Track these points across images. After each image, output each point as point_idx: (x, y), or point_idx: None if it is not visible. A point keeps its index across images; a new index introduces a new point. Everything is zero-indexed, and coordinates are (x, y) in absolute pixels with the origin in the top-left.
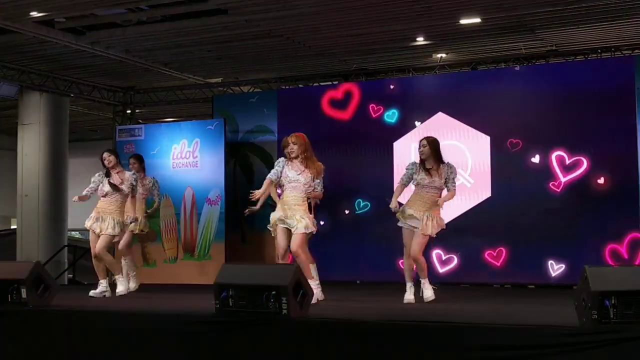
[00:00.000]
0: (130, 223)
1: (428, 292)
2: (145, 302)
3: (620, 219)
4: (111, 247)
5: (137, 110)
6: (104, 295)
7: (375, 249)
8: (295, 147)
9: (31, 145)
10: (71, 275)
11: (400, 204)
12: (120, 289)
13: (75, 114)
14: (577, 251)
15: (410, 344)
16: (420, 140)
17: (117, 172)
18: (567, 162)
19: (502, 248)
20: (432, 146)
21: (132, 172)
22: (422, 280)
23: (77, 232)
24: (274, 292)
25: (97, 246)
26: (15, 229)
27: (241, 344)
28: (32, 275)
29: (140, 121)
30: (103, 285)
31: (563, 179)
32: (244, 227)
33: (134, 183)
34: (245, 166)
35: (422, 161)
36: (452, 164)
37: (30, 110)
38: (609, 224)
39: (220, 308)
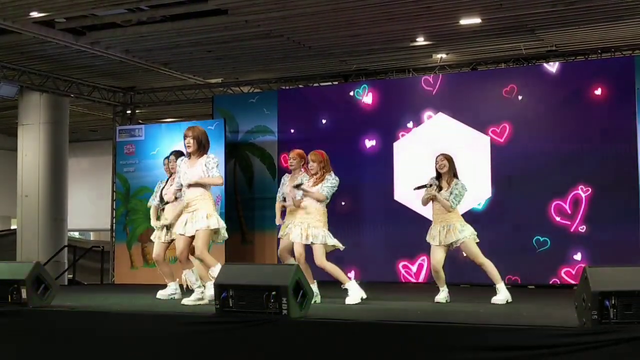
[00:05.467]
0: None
1: (500, 296)
2: (145, 302)
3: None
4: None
5: (137, 111)
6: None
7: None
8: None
9: (31, 145)
10: (71, 276)
11: None
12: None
13: (75, 114)
14: None
15: (410, 344)
16: (438, 156)
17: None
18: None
19: None
20: (450, 163)
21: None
22: (496, 285)
23: (77, 232)
24: (274, 292)
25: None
26: (15, 229)
27: (241, 344)
28: (32, 275)
29: (141, 121)
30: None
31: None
32: (244, 227)
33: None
34: (245, 166)
35: (438, 175)
36: (464, 184)
37: (30, 111)
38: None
39: (220, 308)
